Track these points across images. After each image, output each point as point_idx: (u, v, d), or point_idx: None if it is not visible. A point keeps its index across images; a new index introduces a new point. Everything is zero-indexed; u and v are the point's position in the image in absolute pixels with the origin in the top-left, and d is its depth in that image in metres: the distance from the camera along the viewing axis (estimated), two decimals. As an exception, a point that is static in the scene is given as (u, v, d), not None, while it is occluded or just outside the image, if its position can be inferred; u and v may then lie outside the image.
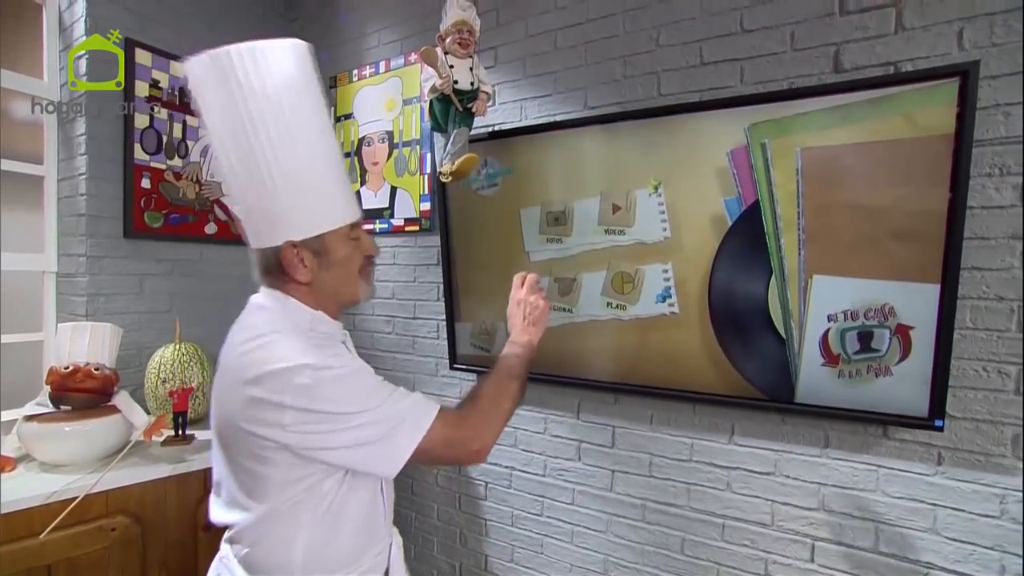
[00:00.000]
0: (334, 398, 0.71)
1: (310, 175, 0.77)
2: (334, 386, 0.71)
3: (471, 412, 0.83)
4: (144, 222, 1.71)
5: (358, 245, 0.83)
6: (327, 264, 0.79)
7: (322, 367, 0.71)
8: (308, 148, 0.77)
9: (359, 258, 0.84)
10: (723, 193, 1.16)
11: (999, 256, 1.01)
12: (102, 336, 1.30)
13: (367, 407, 0.72)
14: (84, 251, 1.61)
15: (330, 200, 0.79)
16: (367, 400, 0.73)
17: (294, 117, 0.75)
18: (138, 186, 1.69)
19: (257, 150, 0.73)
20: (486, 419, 0.84)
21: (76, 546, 1.12)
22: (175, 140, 1.78)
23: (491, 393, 0.87)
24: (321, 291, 0.80)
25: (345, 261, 0.81)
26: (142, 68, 1.68)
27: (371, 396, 0.74)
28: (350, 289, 0.83)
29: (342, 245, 0.80)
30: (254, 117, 0.73)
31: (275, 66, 0.74)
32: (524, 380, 0.92)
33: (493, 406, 0.85)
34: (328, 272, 0.79)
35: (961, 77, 0.92)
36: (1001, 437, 1.02)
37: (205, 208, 1.87)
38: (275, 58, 0.74)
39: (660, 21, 1.34)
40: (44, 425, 1.18)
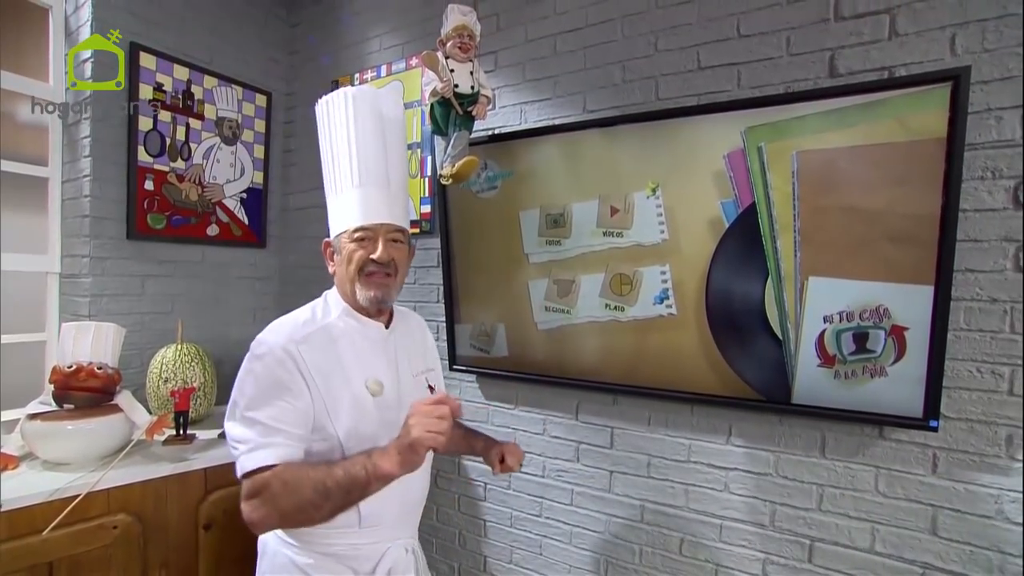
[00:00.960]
0: (239, 387, 0.85)
1: (338, 184, 0.96)
2: (249, 377, 0.84)
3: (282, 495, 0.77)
4: (147, 224, 1.73)
5: (360, 246, 0.92)
6: (340, 262, 0.94)
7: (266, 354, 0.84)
8: (336, 163, 0.96)
9: (360, 260, 0.91)
10: (720, 196, 1.18)
11: (992, 258, 1.02)
12: (105, 336, 1.31)
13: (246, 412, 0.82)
14: (87, 252, 1.63)
15: (345, 206, 0.94)
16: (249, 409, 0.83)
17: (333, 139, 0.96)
18: (141, 188, 1.70)
19: (327, 163, 0.98)
20: (274, 514, 0.78)
21: (78, 544, 1.12)
22: (178, 142, 1.79)
23: (307, 496, 0.77)
24: (338, 285, 0.96)
25: (345, 260, 0.93)
26: (146, 71, 1.70)
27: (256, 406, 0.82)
28: (349, 286, 0.93)
29: (346, 245, 0.93)
30: (321, 142, 1.00)
31: (336, 103, 0.96)
32: (344, 501, 0.78)
33: (295, 509, 0.77)
34: (339, 268, 0.94)
35: (953, 82, 0.94)
36: (995, 437, 1.03)
37: (207, 210, 1.89)
38: (340, 97, 0.96)
39: (658, 26, 1.36)
40: (47, 423, 1.19)
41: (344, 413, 0.87)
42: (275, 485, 0.78)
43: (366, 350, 0.93)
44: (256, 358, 0.85)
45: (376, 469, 0.76)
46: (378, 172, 0.95)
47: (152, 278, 1.77)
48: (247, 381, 0.84)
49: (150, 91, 1.71)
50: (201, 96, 1.85)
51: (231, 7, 1.97)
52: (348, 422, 0.87)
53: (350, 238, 0.92)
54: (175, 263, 1.83)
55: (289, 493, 0.77)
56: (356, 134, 0.95)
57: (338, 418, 0.86)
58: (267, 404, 0.82)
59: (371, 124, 0.95)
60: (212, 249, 1.93)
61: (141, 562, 1.22)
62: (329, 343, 0.89)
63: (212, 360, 1.69)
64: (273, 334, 0.86)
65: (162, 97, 1.74)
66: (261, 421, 0.81)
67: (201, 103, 1.85)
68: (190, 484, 1.31)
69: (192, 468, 1.31)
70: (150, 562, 1.24)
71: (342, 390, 0.87)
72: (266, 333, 0.87)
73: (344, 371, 0.89)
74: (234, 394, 0.85)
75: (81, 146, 1.65)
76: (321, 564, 0.89)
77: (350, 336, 0.92)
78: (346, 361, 0.90)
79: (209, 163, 1.89)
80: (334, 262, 0.96)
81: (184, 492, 1.30)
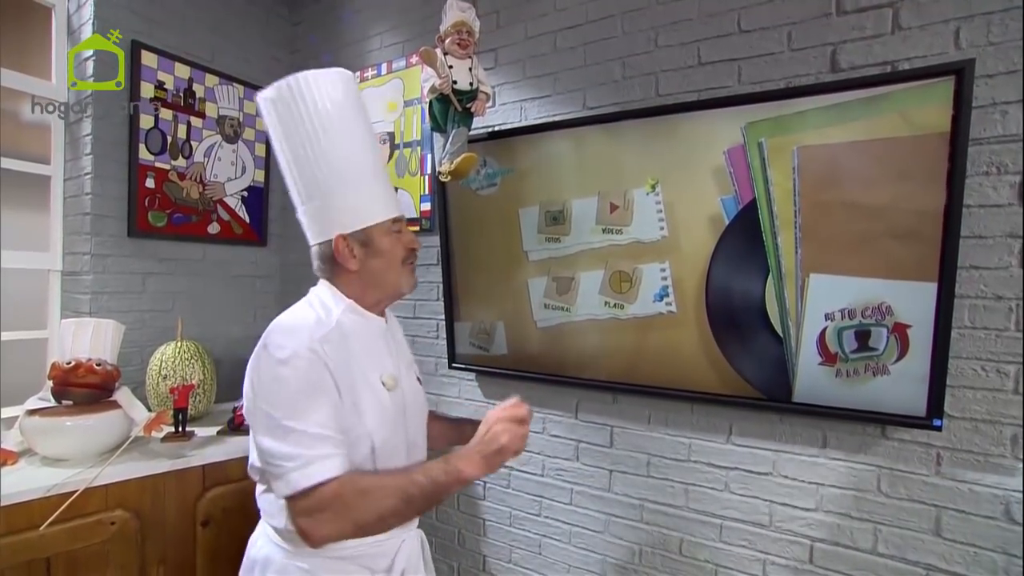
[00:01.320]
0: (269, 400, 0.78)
1: (356, 177, 0.89)
2: (278, 387, 0.78)
3: (352, 505, 0.75)
4: (148, 221, 1.73)
5: (399, 238, 0.92)
6: (372, 254, 0.89)
7: (293, 356, 0.78)
8: (352, 154, 0.89)
9: (401, 250, 0.91)
10: (720, 192, 1.16)
11: (997, 255, 1.01)
12: (104, 332, 1.32)
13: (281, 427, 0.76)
14: (89, 249, 1.63)
15: (373, 198, 0.90)
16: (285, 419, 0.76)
17: (341, 130, 0.89)
18: (142, 186, 1.71)
19: (313, 160, 0.87)
20: (354, 522, 0.76)
21: (75, 540, 1.12)
22: (179, 141, 1.80)
23: (390, 504, 0.77)
24: (368, 279, 0.90)
25: (388, 251, 0.90)
26: (147, 70, 1.70)
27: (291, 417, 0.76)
28: (393, 277, 0.91)
29: (384, 237, 0.89)
30: (309, 131, 0.87)
31: (325, 90, 0.88)
32: (425, 505, 0.80)
33: (376, 518, 0.77)
34: (373, 261, 0.89)
35: (956, 75, 0.92)
36: (1000, 437, 1.01)
37: (208, 208, 1.89)
38: (324, 83, 0.89)
39: (658, 22, 1.35)
40: (46, 419, 1.20)
41: (370, 411, 0.84)
42: (349, 496, 0.75)
43: (374, 346, 0.91)
44: (282, 363, 0.78)
45: (460, 473, 0.78)
46: (383, 163, 0.94)
47: (153, 276, 1.78)
48: (278, 390, 0.77)
49: (151, 89, 1.72)
50: (202, 94, 1.86)
51: (233, 6, 1.97)
52: (374, 420, 0.85)
53: (387, 231, 0.89)
54: (176, 261, 1.84)
55: (368, 503, 0.76)
56: (364, 122, 0.93)
57: (365, 417, 0.84)
58: (309, 411, 0.77)
59: (364, 111, 0.95)
60: (213, 247, 1.94)
61: (139, 558, 1.22)
62: (343, 341, 0.85)
63: (212, 358, 1.69)
64: (292, 337, 0.80)
65: (163, 95, 1.75)
66: (308, 431, 0.75)
67: (202, 101, 1.86)
68: (188, 481, 1.30)
69: (190, 465, 1.30)
70: (148, 558, 1.24)
71: (364, 388, 0.85)
72: (282, 337, 0.81)
73: (361, 369, 0.86)
74: (263, 407, 0.78)
75: (83, 144, 1.66)
76: (333, 567, 0.85)
77: (358, 333, 0.89)
78: (361, 358, 0.87)
79: (210, 161, 1.89)
80: (357, 257, 0.87)
81: (182, 489, 1.30)
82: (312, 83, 0.88)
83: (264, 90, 0.90)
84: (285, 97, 0.88)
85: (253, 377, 0.81)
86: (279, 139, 0.90)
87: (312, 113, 0.88)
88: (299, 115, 0.87)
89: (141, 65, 1.68)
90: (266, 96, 0.90)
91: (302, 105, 0.87)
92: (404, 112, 1.81)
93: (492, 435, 0.81)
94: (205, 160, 1.87)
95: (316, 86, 0.88)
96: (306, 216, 0.91)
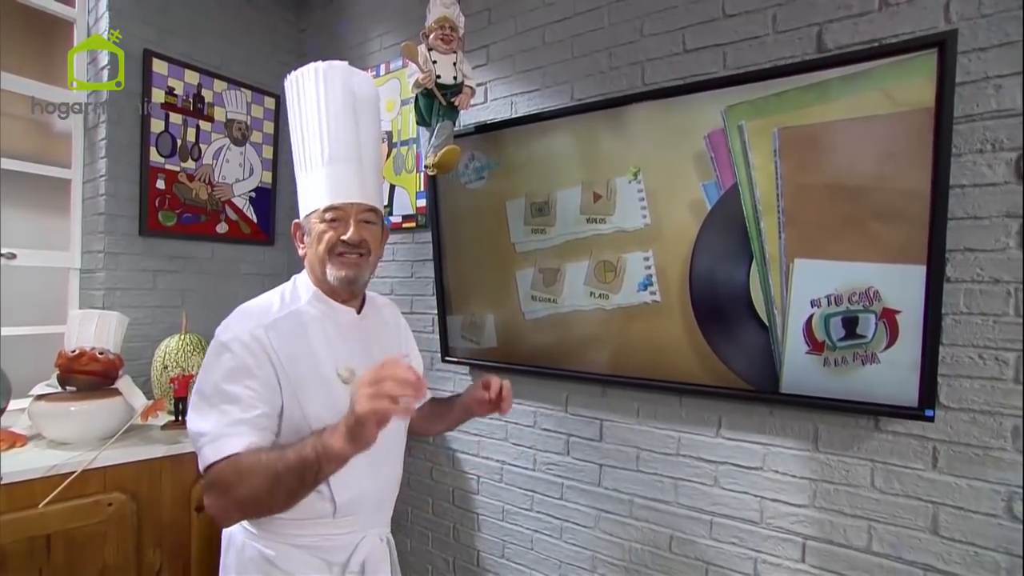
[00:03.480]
0: (205, 371, 0.83)
1: (307, 165, 0.93)
2: (215, 360, 0.82)
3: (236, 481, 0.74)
4: (158, 221, 1.81)
5: (328, 227, 0.89)
6: (310, 243, 0.91)
7: (233, 340, 0.82)
8: (307, 144, 0.92)
9: (330, 241, 0.89)
10: (701, 177, 1.14)
11: (993, 236, 0.95)
12: (108, 324, 1.38)
13: (208, 399, 0.80)
14: (102, 248, 1.72)
15: (316, 187, 0.91)
16: (213, 395, 0.80)
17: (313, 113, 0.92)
18: (153, 187, 1.79)
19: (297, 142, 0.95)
20: (230, 504, 0.76)
21: (74, 519, 1.18)
22: (188, 144, 1.88)
23: (261, 483, 0.73)
24: (309, 266, 0.93)
25: (315, 240, 0.90)
26: (158, 76, 1.79)
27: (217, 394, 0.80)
28: (320, 267, 0.90)
29: (315, 226, 0.90)
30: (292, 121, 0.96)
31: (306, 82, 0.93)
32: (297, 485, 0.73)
33: (251, 498, 0.74)
34: (309, 250, 0.92)
35: (938, 48, 0.89)
36: (1000, 429, 0.95)
37: (216, 208, 1.97)
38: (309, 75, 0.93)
39: (644, 11, 1.34)
40: (51, 404, 1.26)
41: (314, 401, 0.84)
42: (229, 475, 0.74)
43: (337, 336, 0.91)
44: (221, 345, 0.81)
45: (326, 449, 0.69)
46: (349, 149, 0.91)
47: (163, 273, 1.85)
48: (211, 369, 0.81)
49: (162, 95, 1.80)
50: (211, 99, 1.94)
51: (241, 14, 2.05)
52: (318, 410, 0.83)
53: (320, 218, 0.88)
54: (185, 259, 1.91)
55: (243, 482, 0.73)
56: (326, 108, 0.91)
57: (309, 406, 0.83)
58: (231, 392, 0.79)
59: (342, 99, 0.92)
60: (221, 246, 2.01)
61: (135, 540, 1.27)
62: (298, 328, 0.86)
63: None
64: (239, 320, 0.84)
65: (174, 101, 1.83)
66: (225, 411, 0.78)
67: (211, 106, 1.94)
68: (184, 466, 1.35)
69: (185, 450, 1.35)
70: (144, 540, 1.29)
71: (312, 377, 0.84)
72: (232, 319, 0.85)
73: (314, 357, 0.86)
74: (197, 383, 0.82)
75: (99, 148, 1.75)
76: (292, 556, 0.86)
77: (320, 321, 0.89)
78: (316, 347, 0.87)
79: (219, 163, 1.96)
80: (304, 244, 0.93)
81: (178, 474, 1.34)
82: (303, 75, 0.93)
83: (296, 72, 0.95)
84: (289, 86, 0.95)
85: (208, 351, 0.85)
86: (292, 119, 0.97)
87: (292, 104, 0.94)
88: (291, 106, 0.95)
89: (152, 72, 1.77)
90: (291, 78, 0.96)
91: (291, 96, 0.95)
92: (401, 111, 1.84)
93: (351, 403, 0.68)
94: (214, 162, 1.95)
95: (301, 78, 0.93)
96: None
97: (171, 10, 1.85)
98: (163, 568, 1.32)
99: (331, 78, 0.92)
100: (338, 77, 0.93)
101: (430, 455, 1.80)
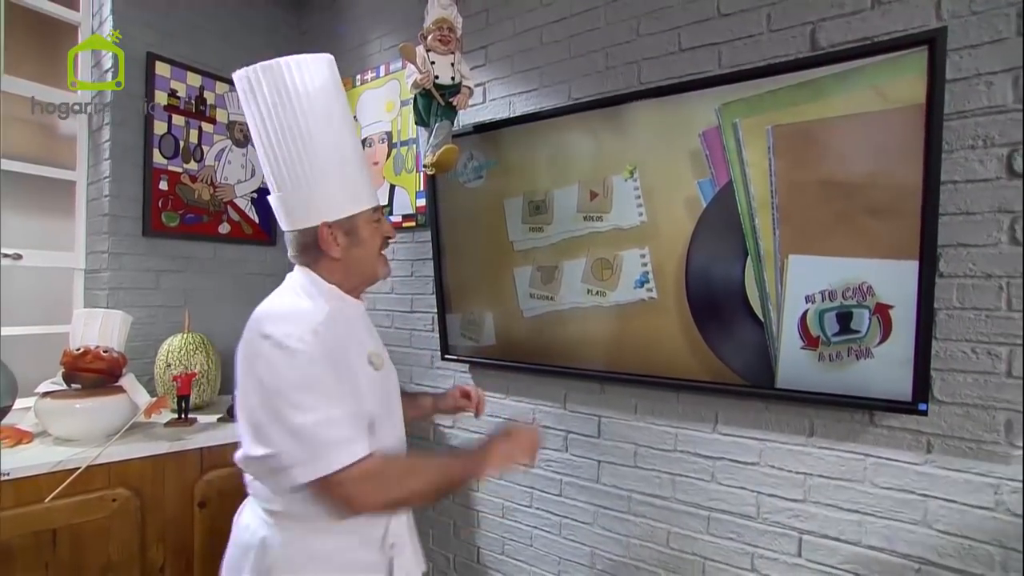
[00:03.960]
0: (280, 377, 0.76)
1: (341, 165, 0.88)
2: (292, 365, 0.76)
3: (393, 481, 0.80)
4: (161, 222, 1.83)
5: (379, 227, 0.93)
6: (355, 242, 0.89)
7: (300, 339, 0.77)
8: (338, 142, 0.89)
9: (379, 239, 0.94)
10: (696, 175, 1.15)
11: (985, 231, 0.96)
12: (112, 322, 1.40)
13: (300, 406, 0.76)
14: (107, 248, 1.74)
15: (358, 187, 0.91)
16: (304, 399, 0.76)
17: (326, 116, 0.87)
18: (156, 188, 1.81)
19: (298, 144, 0.85)
20: (393, 496, 0.81)
21: (79, 514, 1.20)
22: (191, 145, 1.90)
23: (429, 480, 0.84)
24: (349, 266, 0.90)
25: (368, 240, 0.91)
26: (161, 79, 1.81)
27: (318, 392, 0.77)
28: (372, 264, 0.93)
29: (366, 226, 0.90)
30: (297, 116, 0.85)
31: (311, 75, 0.87)
32: (449, 489, 0.93)
33: (410, 494, 0.83)
34: (356, 249, 0.90)
35: (929, 45, 0.89)
36: (993, 423, 0.96)
37: (219, 209, 1.99)
38: (311, 68, 0.87)
39: (640, 11, 1.35)
40: (57, 401, 1.28)
41: (366, 392, 0.85)
42: (390, 473, 0.80)
43: (361, 328, 0.95)
44: (291, 351, 0.76)
45: (478, 469, 0.86)
46: (363, 151, 0.95)
47: (166, 273, 1.87)
48: (289, 377, 0.76)
49: (165, 97, 1.82)
50: (213, 101, 1.96)
51: (243, 17, 2.07)
52: (371, 399, 0.86)
53: (369, 220, 0.90)
54: (188, 259, 1.93)
55: (405, 480, 0.82)
56: (346, 110, 0.91)
57: (364, 397, 0.84)
58: (332, 390, 0.78)
59: (345, 99, 0.94)
60: (223, 246, 2.03)
61: (139, 535, 1.29)
62: (338, 325, 0.85)
63: (216, 349, 1.76)
64: (294, 323, 0.79)
65: (176, 103, 1.86)
66: (337, 410, 0.77)
67: (213, 108, 1.96)
68: (187, 463, 1.37)
69: (188, 447, 1.37)
70: (148, 536, 1.30)
71: (357, 369, 0.87)
72: (284, 324, 0.79)
73: (357, 349, 0.88)
74: (286, 394, 0.76)
75: (103, 150, 1.77)
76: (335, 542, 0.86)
77: (344, 315, 0.90)
78: (350, 341, 0.88)
79: (221, 164, 1.99)
80: (340, 245, 0.88)
81: (181, 470, 1.36)
82: (295, 67, 0.85)
83: (242, 70, 0.87)
84: (273, 77, 0.85)
85: (260, 369, 0.77)
86: (257, 122, 0.87)
87: (295, 98, 0.85)
88: (282, 99, 0.85)
89: (155, 75, 1.79)
90: (245, 76, 0.86)
91: (283, 90, 0.85)
92: (401, 112, 1.86)
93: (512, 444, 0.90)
94: (216, 163, 1.97)
95: (300, 70, 0.85)
96: (284, 202, 0.88)
97: (174, 13, 1.88)
98: (166, 564, 1.34)
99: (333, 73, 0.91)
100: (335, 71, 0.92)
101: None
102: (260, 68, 0.86)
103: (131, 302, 1.77)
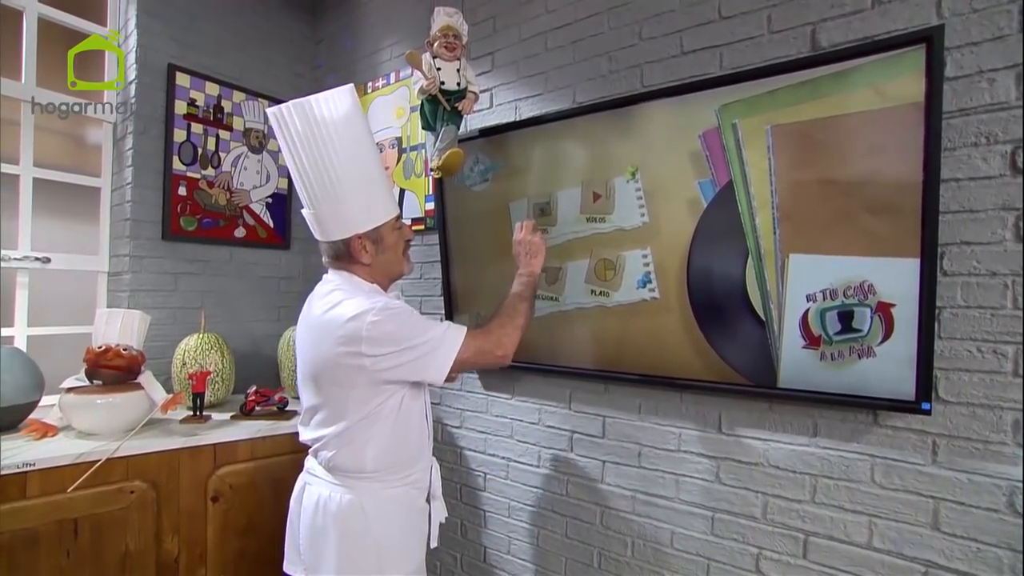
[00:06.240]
0: (394, 330, 0.96)
1: (367, 184, 1.03)
2: (392, 321, 0.96)
3: (493, 328, 1.07)
4: (180, 226, 1.90)
5: (400, 232, 1.11)
6: (382, 249, 1.06)
7: (382, 309, 0.95)
8: (363, 163, 1.03)
9: (402, 242, 1.12)
10: (697, 175, 1.16)
11: (989, 229, 0.95)
12: (131, 321, 1.46)
13: (416, 332, 0.97)
14: (128, 251, 1.81)
15: (382, 200, 1.06)
16: (415, 327, 0.98)
17: (353, 141, 1.01)
18: (175, 193, 1.88)
19: (328, 168, 1.00)
20: (505, 331, 1.06)
21: (99, 504, 1.25)
22: (209, 152, 1.97)
23: (507, 313, 1.10)
24: (378, 269, 1.08)
25: (393, 245, 1.09)
26: (181, 89, 1.88)
27: (418, 324, 0.99)
28: (398, 266, 1.12)
29: (391, 233, 1.08)
30: (325, 144, 0.99)
31: (335, 106, 1.01)
32: (532, 301, 1.15)
33: (509, 321, 1.08)
34: (383, 255, 1.07)
35: (926, 43, 0.90)
36: (1000, 423, 0.95)
37: (235, 214, 2.05)
38: (334, 100, 1.01)
39: (643, 15, 1.37)
40: (79, 397, 1.34)
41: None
42: (493, 325, 1.07)
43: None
44: (389, 309, 0.96)
45: (532, 275, 1.18)
46: (383, 166, 1.10)
47: (184, 275, 1.94)
48: (397, 323, 0.96)
49: (184, 106, 1.90)
50: (230, 109, 2.03)
51: (261, 28, 2.15)
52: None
53: (392, 227, 1.08)
54: (205, 262, 1.99)
55: (503, 316, 1.09)
56: (367, 132, 1.06)
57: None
58: (418, 317, 1.01)
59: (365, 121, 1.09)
60: (239, 250, 2.09)
61: (155, 526, 1.33)
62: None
63: (231, 349, 1.82)
64: (371, 301, 0.97)
65: (195, 112, 1.93)
66: (432, 324, 1.01)
67: (230, 116, 2.03)
68: (201, 458, 1.41)
69: (203, 443, 1.41)
70: (163, 527, 1.35)
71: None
72: (366, 302, 0.96)
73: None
74: (398, 340, 0.95)
75: (126, 158, 1.85)
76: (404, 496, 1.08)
77: None
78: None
79: (237, 170, 2.05)
80: (369, 252, 1.04)
81: (195, 465, 1.41)
82: (323, 102, 1.00)
83: (274, 107, 1.01)
84: (296, 115, 1.00)
85: (374, 333, 0.94)
86: (291, 150, 1.02)
87: (323, 129, 0.99)
88: (310, 131, 0.99)
89: (176, 85, 1.87)
90: (278, 114, 1.01)
91: (312, 123, 0.99)
92: (411, 117, 1.90)
93: (529, 244, 1.21)
94: (232, 169, 2.04)
95: (324, 106, 1.00)
96: (318, 218, 1.04)
97: (195, 26, 1.95)
98: (180, 555, 1.38)
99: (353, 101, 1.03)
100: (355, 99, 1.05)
101: (437, 453, 1.82)
102: (292, 105, 1.00)
103: (151, 303, 1.83)
